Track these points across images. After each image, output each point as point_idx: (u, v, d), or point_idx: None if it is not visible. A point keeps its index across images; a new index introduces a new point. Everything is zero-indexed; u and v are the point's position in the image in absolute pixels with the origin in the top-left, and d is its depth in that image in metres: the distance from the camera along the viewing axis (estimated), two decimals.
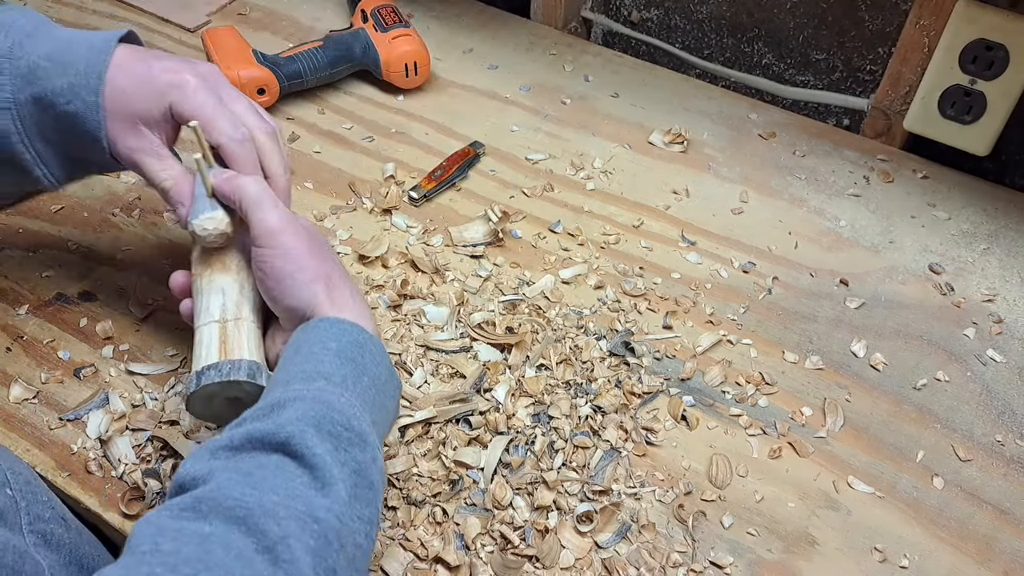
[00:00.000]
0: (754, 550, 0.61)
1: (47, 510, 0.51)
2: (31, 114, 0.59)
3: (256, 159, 0.62)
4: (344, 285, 0.58)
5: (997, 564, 0.61)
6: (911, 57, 0.86)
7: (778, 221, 0.84)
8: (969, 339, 0.74)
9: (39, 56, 0.59)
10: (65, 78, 0.58)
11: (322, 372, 0.52)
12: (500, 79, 1.00)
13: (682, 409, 0.68)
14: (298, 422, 0.48)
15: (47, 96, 0.59)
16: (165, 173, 0.61)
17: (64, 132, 0.60)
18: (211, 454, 0.47)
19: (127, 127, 0.60)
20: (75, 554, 0.52)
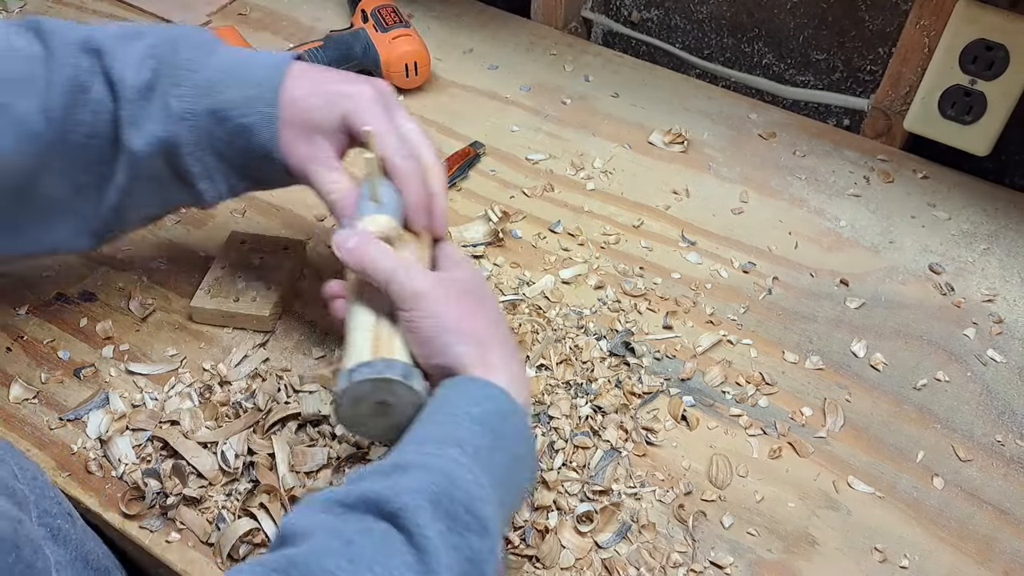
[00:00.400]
0: (754, 550, 0.61)
1: (54, 505, 0.51)
2: (206, 126, 0.60)
3: (420, 176, 0.61)
4: (499, 344, 0.55)
5: (997, 564, 0.61)
6: (911, 57, 0.86)
7: (778, 221, 0.84)
8: (969, 339, 0.74)
9: (216, 69, 0.60)
10: (242, 91, 0.60)
11: (457, 438, 0.49)
12: (500, 79, 1.00)
13: (682, 409, 0.68)
14: (416, 494, 0.45)
15: (224, 108, 0.60)
16: (334, 185, 0.61)
17: (237, 145, 0.61)
18: (323, 507, 0.46)
19: (301, 136, 0.60)
20: (80, 550, 0.52)
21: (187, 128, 0.60)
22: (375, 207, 0.59)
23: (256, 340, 0.72)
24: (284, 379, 0.68)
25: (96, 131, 0.60)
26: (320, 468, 0.63)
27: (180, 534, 0.61)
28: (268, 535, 0.60)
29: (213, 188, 0.63)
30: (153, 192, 0.63)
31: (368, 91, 0.61)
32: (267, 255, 0.76)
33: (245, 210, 0.84)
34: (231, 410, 0.66)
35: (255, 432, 0.65)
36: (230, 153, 0.62)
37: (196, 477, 0.62)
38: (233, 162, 0.63)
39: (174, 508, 0.61)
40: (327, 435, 0.65)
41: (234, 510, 0.61)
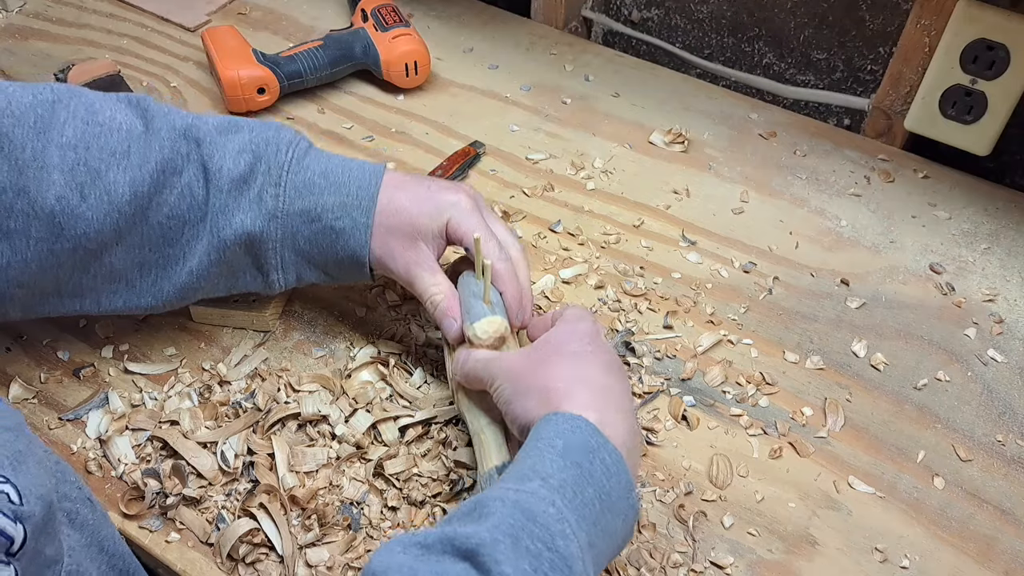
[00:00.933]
0: (755, 550, 0.61)
1: (74, 490, 0.52)
2: (295, 225, 0.63)
3: (515, 276, 0.64)
4: (591, 389, 0.54)
5: (998, 564, 0.60)
6: (912, 57, 0.86)
7: (779, 221, 0.84)
8: (970, 339, 0.74)
9: (315, 173, 0.63)
10: (338, 196, 0.63)
11: (540, 471, 0.48)
12: (500, 79, 1.00)
13: (683, 409, 0.68)
14: (495, 529, 0.44)
15: (317, 210, 0.63)
16: (437, 288, 0.63)
17: (324, 245, 0.64)
18: (402, 548, 0.45)
19: (406, 242, 0.63)
20: (96, 536, 0.52)
21: (277, 225, 0.63)
22: (488, 309, 0.62)
23: (256, 340, 0.72)
24: (284, 379, 0.68)
25: (177, 214, 0.62)
26: (320, 468, 0.63)
27: (180, 534, 0.60)
28: (267, 535, 0.60)
29: (283, 279, 0.66)
30: (225, 277, 0.65)
31: (466, 199, 0.64)
32: None
33: None
34: (231, 410, 0.66)
35: (255, 432, 0.65)
36: (312, 251, 0.65)
37: (196, 477, 0.62)
38: (312, 259, 0.65)
39: (174, 508, 0.61)
40: (327, 435, 0.65)
41: (234, 510, 0.61)
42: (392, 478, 0.62)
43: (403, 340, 0.72)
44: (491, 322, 0.61)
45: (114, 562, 0.53)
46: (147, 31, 1.05)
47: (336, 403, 0.67)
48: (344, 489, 0.62)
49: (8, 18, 1.07)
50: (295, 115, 0.94)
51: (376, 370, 0.69)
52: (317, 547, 0.59)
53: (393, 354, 0.70)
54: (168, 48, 1.03)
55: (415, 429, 0.65)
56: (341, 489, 0.62)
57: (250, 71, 0.90)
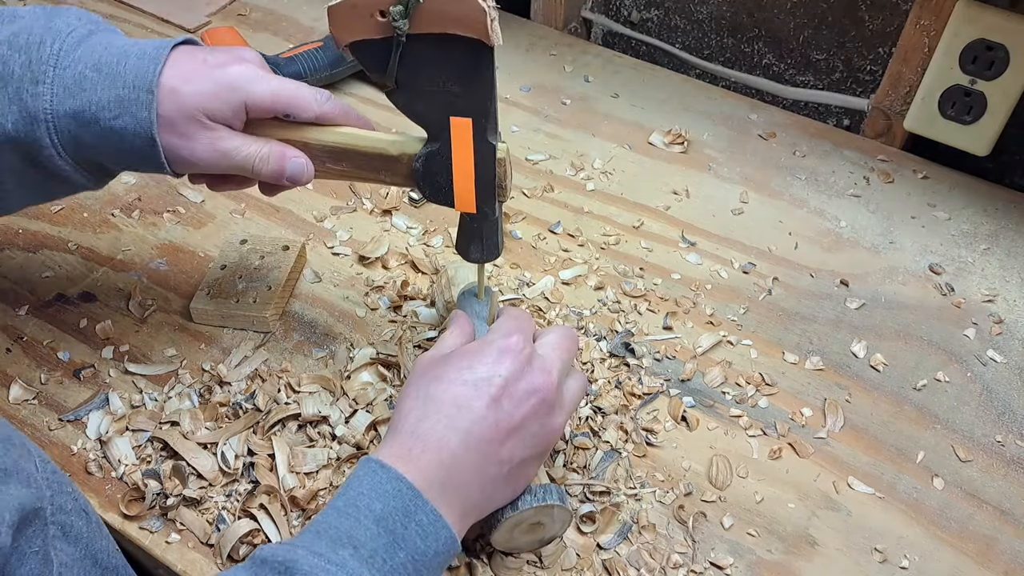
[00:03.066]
0: (754, 551, 0.61)
1: (70, 501, 0.51)
2: (69, 128, 0.56)
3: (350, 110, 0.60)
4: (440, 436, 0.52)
5: (997, 564, 0.60)
6: (911, 57, 0.86)
7: (778, 221, 0.84)
8: (969, 339, 0.74)
9: (87, 65, 0.55)
10: (113, 90, 0.55)
11: (354, 538, 0.48)
12: (500, 79, 0.99)
13: (682, 410, 0.68)
14: None
15: (91, 109, 0.55)
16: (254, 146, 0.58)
17: (111, 145, 0.57)
18: None
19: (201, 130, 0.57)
20: (91, 548, 0.51)
21: (47, 131, 0.55)
22: None
23: (256, 340, 0.72)
24: (284, 379, 0.68)
25: None
26: (320, 468, 0.63)
27: (180, 535, 0.61)
28: (268, 536, 0.60)
29: (93, 180, 0.60)
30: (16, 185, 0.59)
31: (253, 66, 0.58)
32: (267, 255, 0.76)
33: (245, 210, 0.84)
34: (231, 411, 0.66)
35: (255, 433, 0.65)
36: (106, 151, 0.57)
37: (196, 478, 0.62)
38: (110, 159, 0.58)
39: (174, 509, 0.61)
40: (327, 435, 0.65)
41: (234, 511, 0.61)
42: None
43: (401, 341, 0.72)
44: None
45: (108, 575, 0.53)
46: (147, 32, 1.05)
47: (336, 404, 0.67)
48: None
49: None
50: None
51: (376, 371, 0.69)
52: None
53: (390, 356, 0.70)
54: None
55: None
56: None
57: None
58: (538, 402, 0.54)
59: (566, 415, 0.57)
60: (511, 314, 0.59)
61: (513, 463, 0.54)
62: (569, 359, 0.58)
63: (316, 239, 0.81)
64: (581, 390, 0.59)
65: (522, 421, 0.54)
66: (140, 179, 0.86)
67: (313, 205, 0.84)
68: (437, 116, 0.56)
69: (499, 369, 0.54)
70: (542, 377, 0.55)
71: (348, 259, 0.79)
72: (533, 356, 0.56)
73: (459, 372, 0.54)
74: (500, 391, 0.53)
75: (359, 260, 0.79)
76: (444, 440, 0.52)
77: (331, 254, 0.80)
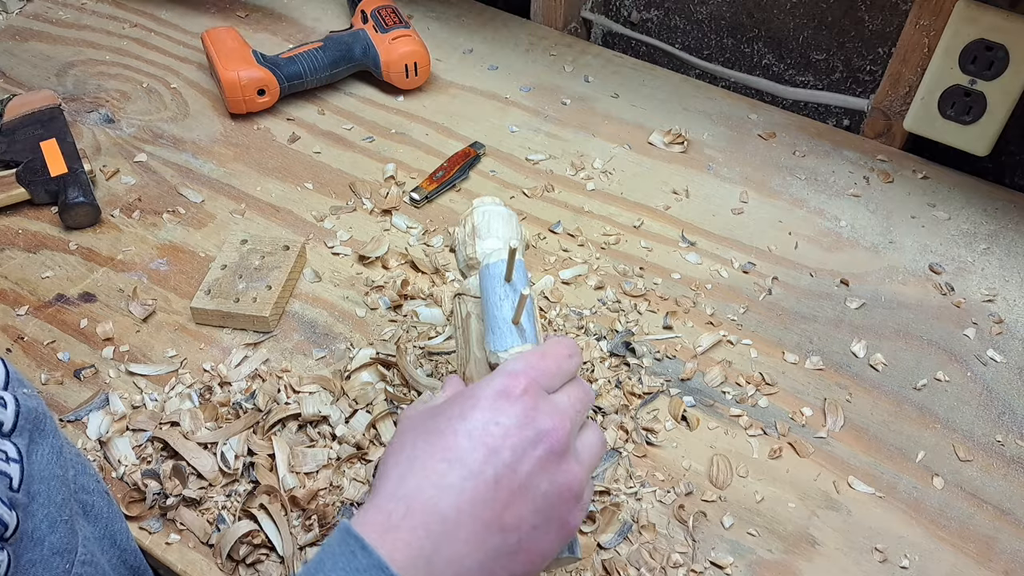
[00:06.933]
0: (754, 550, 0.61)
1: (93, 482, 0.52)
2: None
3: None
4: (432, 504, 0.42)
5: (997, 564, 0.60)
6: (911, 57, 0.86)
7: (778, 221, 0.84)
8: (969, 339, 0.74)
9: None
10: None
11: None
12: (500, 80, 1.00)
13: (682, 409, 0.68)
14: None
15: None
16: None
17: None
18: None
19: None
20: (109, 529, 0.52)
21: None
22: (517, 332, 0.51)
23: (256, 340, 0.72)
24: (284, 379, 0.68)
25: None
26: (320, 468, 0.63)
27: (180, 535, 0.61)
28: (268, 536, 0.60)
29: None
30: None
31: None
32: (267, 255, 0.76)
33: (245, 210, 0.84)
34: (231, 411, 0.66)
35: (255, 433, 0.65)
36: None
37: (196, 478, 0.62)
38: None
39: (174, 509, 0.61)
40: (327, 436, 0.65)
41: (234, 511, 0.61)
42: None
43: (401, 341, 0.72)
44: (521, 352, 0.50)
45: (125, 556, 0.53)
46: (147, 32, 1.05)
47: (336, 404, 0.67)
48: (344, 490, 0.62)
49: (8, 19, 1.07)
50: (295, 116, 0.94)
51: (376, 371, 0.69)
52: (317, 547, 0.59)
53: (389, 356, 0.70)
54: (168, 49, 1.03)
55: None
56: (341, 490, 0.62)
57: (250, 72, 0.90)
58: (546, 452, 0.44)
59: (584, 470, 0.47)
60: (538, 351, 0.49)
61: (522, 532, 0.43)
62: (584, 410, 0.49)
63: (316, 239, 0.81)
64: (599, 444, 0.49)
65: (528, 477, 0.44)
66: (140, 179, 0.86)
67: (313, 205, 0.84)
68: None
69: (497, 415, 0.44)
70: (550, 421, 0.45)
71: (348, 259, 0.79)
72: (540, 399, 0.46)
73: (449, 422, 0.45)
74: (499, 440, 0.44)
75: (359, 260, 0.79)
76: (431, 502, 0.42)
77: (331, 254, 0.80)
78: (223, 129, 0.93)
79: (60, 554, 0.46)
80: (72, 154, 0.84)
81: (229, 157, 0.89)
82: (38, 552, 0.45)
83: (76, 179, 0.81)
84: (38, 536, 0.45)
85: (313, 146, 0.91)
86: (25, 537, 0.44)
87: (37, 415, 0.48)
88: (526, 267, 0.55)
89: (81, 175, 0.82)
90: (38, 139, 0.84)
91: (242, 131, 0.92)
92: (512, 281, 0.53)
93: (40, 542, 0.45)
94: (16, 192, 0.82)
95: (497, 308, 0.52)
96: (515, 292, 0.52)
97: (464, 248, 0.60)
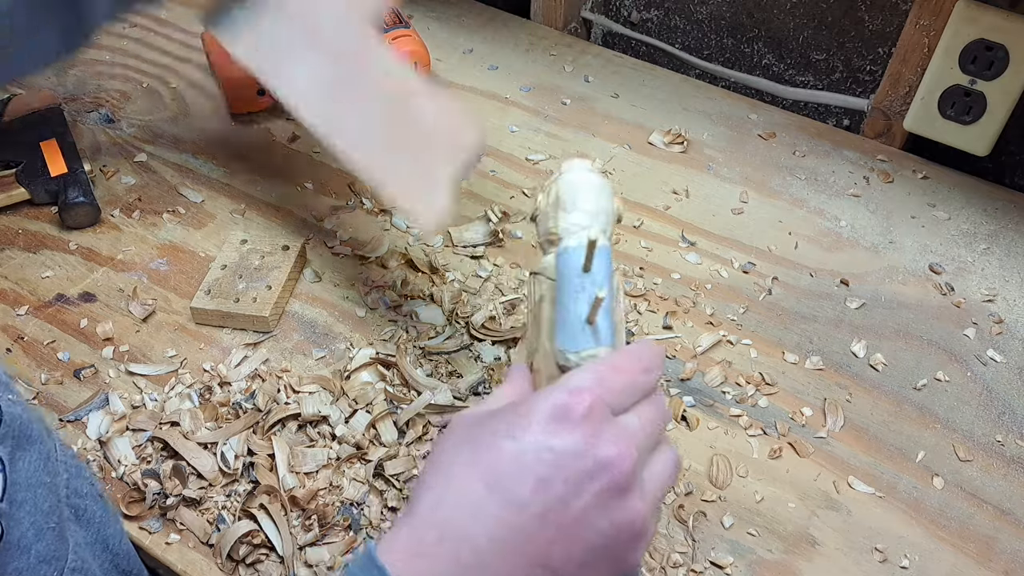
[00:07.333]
0: (754, 550, 0.61)
1: (86, 485, 0.52)
2: None
3: None
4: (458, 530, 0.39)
5: (997, 564, 0.60)
6: (911, 57, 0.86)
7: (778, 221, 0.84)
8: (969, 339, 0.74)
9: None
10: None
11: None
12: (500, 79, 1.00)
13: (682, 409, 0.68)
14: None
15: None
16: None
17: None
18: None
19: None
20: (102, 534, 0.52)
21: None
22: (592, 333, 0.45)
23: (256, 340, 0.72)
24: (284, 379, 0.68)
25: None
26: (320, 468, 0.63)
27: (180, 535, 0.61)
28: (267, 536, 0.60)
29: None
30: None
31: None
32: (267, 255, 0.76)
33: (245, 210, 0.84)
34: (231, 411, 0.66)
35: (255, 433, 0.65)
36: None
37: (196, 478, 0.62)
38: None
39: (174, 509, 0.61)
40: (327, 436, 0.65)
41: (234, 511, 0.61)
42: (392, 478, 0.63)
43: (400, 340, 0.72)
44: (593, 355, 0.45)
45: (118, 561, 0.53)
46: (147, 32, 1.05)
47: (336, 404, 0.67)
48: (344, 490, 0.62)
49: None
50: None
51: (376, 371, 0.69)
52: (317, 547, 0.59)
53: (389, 356, 0.70)
54: (168, 49, 1.03)
55: (415, 430, 0.65)
56: (341, 490, 0.62)
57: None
58: (606, 487, 0.39)
59: (649, 506, 0.42)
60: (610, 361, 0.44)
61: (569, 571, 0.39)
62: (656, 433, 0.44)
63: (316, 239, 0.81)
64: (671, 472, 0.44)
65: (583, 513, 0.39)
66: (140, 179, 0.86)
67: (313, 204, 0.84)
68: None
69: (552, 439, 0.40)
70: (614, 450, 0.40)
71: (348, 259, 0.79)
72: (604, 423, 0.41)
73: (495, 439, 0.40)
74: (551, 470, 0.39)
75: (359, 260, 0.79)
76: (466, 532, 0.39)
77: (331, 254, 0.80)
78: (223, 129, 0.93)
79: (48, 562, 0.45)
80: (72, 154, 0.84)
81: (229, 157, 0.89)
82: (24, 560, 0.44)
83: (76, 179, 0.81)
84: (24, 544, 0.45)
85: (313, 146, 0.91)
86: (11, 546, 0.44)
87: (22, 421, 0.47)
88: (612, 257, 0.49)
89: (81, 175, 0.82)
90: (38, 139, 0.84)
91: (242, 131, 0.92)
92: (591, 272, 0.46)
93: (27, 550, 0.45)
94: (16, 192, 0.82)
95: (572, 301, 0.46)
96: (594, 286, 0.46)
97: (545, 220, 0.52)
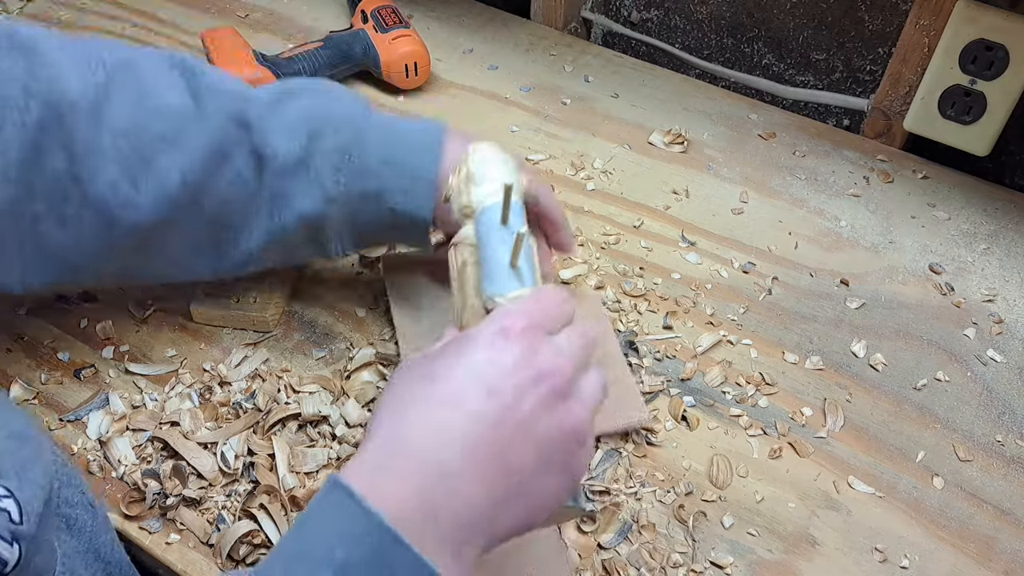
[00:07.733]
0: (754, 550, 0.61)
1: (77, 494, 0.51)
2: (357, 205, 0.62)
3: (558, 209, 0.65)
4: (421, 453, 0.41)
5: (997, 564, 0.60)
6: (911, 57, 0.86)
7: (778, 221, 0.84)
8: (969, 339, 0.74)
9: (376, 159, 0.61)
10: (399, 180, 0.60)
11: None
12: (500, 79, 1.00)
13: (682, 409, 0.68)
14: None
15: (382, 192, 0.61)
16: None
17: (385, 220, 0.62)
18: None
19: None
20: (94, 542, 0.51)
21: (337, 208, 0.61)
22: (515, 276, 0.51)
23: (256, 340, 0.72)
24: (284, 379, 0.68)
25: (230, 199, 0.60)
26: (320, 468, 0.63)
27: (180, 535, 0.61)
28: (268, 536, 0.60)
29: (342, 248, 0.65)
30: (281, 252, 0.64)
31: None
32: None
33: None
34: (231, 411, 0.66)
35: (255, 433, 0.65)
36: (373, 228, 0.64)
37: (196, 478, 0.62)
38: (374, 234, 0.65)
39: (174, 509, 0.61)
40: (327, 435, 0.65)
41: (234, 511, 0.61)
42: None
43: None
44: (518, 297, 0.51)
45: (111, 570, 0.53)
46: (147, 32, 1.05)
47: (336, 404, 0.67)
48: None
49: (9, 19, 1.07)
50: None
51: (376, 370, 0.69)
52: None
53: (389, 355, 0.70)
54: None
55: None
56: None
57: (250, 72, 0.90)
58: (548, 392, 0.44)
59: (587, 412, 0.46)
60: (533, 296, 0.49)
61: (524, 474, 0.43)
62: (584, 354, 0.48)
63: None
64: (602, 386, 0.48)
65: (530, 417, 0.43)
66: None
67: None
68: None
69: (497, 354, 0.44)
70: (552, 360, 0.44)
71: (348, 259, 0.79)
72: (540, 340, 0.45)
73: (446, 367, 0.44)
74: (499, 380, 0.43)
75: (359, 260, 0.79)
76: (429, 447, 0.41)
77: None
78: None
79: (35, 573, 0.44)
80: None
81: None
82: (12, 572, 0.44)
83: None
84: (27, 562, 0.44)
85: None
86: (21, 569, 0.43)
87: None
88: (523, 209, 0.57)
89: None
90: None
91: None
92: (509, 223, 0.51)
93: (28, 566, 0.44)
94: None
95: (494, 251, 0.51)
96: (512, 235, 0.50)
97: (459, 197, 0.59)
